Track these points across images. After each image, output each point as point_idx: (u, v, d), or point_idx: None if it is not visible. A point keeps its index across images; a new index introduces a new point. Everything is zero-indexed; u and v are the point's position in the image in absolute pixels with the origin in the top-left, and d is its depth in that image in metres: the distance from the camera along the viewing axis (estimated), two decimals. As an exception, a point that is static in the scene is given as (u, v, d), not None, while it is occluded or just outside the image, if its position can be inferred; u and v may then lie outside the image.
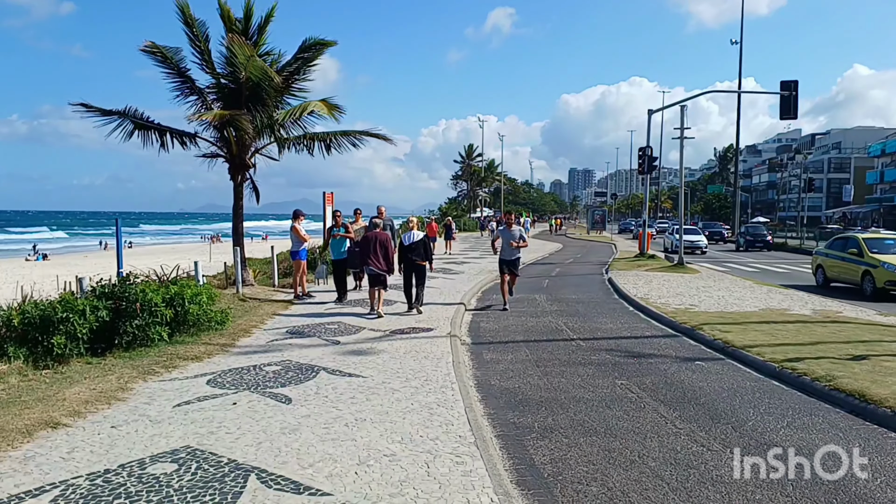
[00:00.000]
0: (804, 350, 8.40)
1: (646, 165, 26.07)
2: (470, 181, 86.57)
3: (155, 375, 6.95)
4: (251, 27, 14.24)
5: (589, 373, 7.77)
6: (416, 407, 5.95)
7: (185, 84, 14.29)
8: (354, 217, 14.65)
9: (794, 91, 20.27)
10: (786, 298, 14.09)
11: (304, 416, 5.63)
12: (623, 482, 4.54)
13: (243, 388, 6.51)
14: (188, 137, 14.44)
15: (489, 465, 4.62)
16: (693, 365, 8.21)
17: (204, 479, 4.27)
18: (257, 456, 4.69)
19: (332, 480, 4.28)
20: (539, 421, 5.93)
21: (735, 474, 4.67)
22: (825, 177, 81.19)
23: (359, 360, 7.87)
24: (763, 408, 6.33)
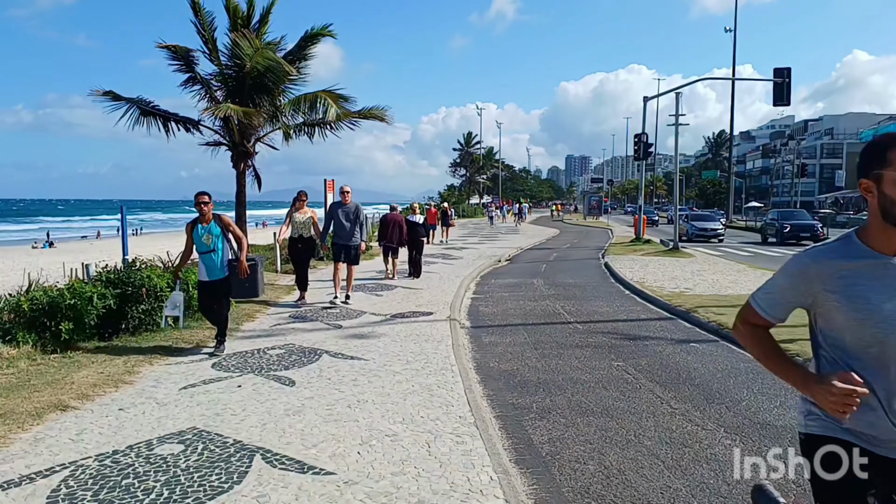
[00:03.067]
0: (797, 331, 8.47)
1: (641, 152, 26.16)
2: (469, 168, 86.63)
3: (161, 359, 7.05)
4: (254, 17, 14.34)
5: (586, 355, 7.89)
6: (416, 388, 6.06)
7: (191, 74, 14.39)
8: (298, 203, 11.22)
9: (787, 78, 20.34)
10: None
11: (307, 397, 5.74)
12: (619, 461, 4.66)
13: (248, 370, 6.61)
14: (192, 124, 14.55)
15: (488, 444, 4.73)
16: (688, 347, 8.34)
17: (210, 459, 4.37)
18: (262, 437, 4.80)
19: (335, 460, 4.39)
20: (537, 402, 6.05)
21: (729, 453, 4.79)
22: (818, 162, 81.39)
23: (360, 343, 7.98)
24: (757, 388, 6.46)
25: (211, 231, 7.33)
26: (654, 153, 49.12)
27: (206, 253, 7.33)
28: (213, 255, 7.32)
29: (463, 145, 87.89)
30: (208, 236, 7.29)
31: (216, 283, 7.38)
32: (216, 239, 7.33)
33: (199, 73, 14.47)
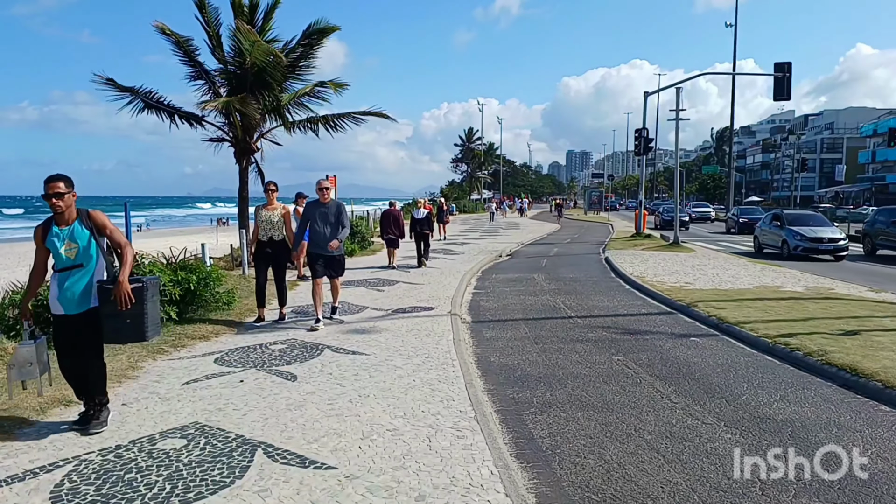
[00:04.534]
0: (797, 326, 8.55)
1: (642, 147, 26.16)
2: (470, 164, 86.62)
3: (164, 354, 7.07)
4: (257, 14, 14.36)
5: (586, 349, 7.91)
6: (417, 383, 6.08)
7: (194, 68, 14.43)
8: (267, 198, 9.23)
9: (788, 72, 20.34)
10: (779, 276, 14.25)
11: (309, 392, 5.76)
12: (619, 455, 4.68)
13: (250, 366, 6.63)
14: (195, 119, 14.58)
15: (489, 438, 4.75)
16: (688, 341, 8.36)
17: (212, 453, 4.40)
18: (264, 431, 4.82)
19: (336, 454, 4.41)
20: (538, 396, 6.07)
21: (729, 447, 4.81)
22: (818, 157, 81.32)
23: (362, 338, 8.00)
24: (756, 382, 6.48)
25: (74, 236, 4.77)
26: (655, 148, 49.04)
27: (67, 270, 4.77)
28: (77, 274, 4.76)
29: (464, 141, 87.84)
30: (70, 245, 4.76)
31: (78, 318, 4.79)
32: (84, 249, 4.78)
33: (202, 66, 14.49)
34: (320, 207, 8.61)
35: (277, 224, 8.86)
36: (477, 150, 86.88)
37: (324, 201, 8.62)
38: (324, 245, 8.43)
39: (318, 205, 8.67)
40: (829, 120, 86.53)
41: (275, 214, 8.88)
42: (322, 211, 8.57)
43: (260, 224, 8.86)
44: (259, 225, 8.88)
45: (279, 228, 8.87)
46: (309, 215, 8.67)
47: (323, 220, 8.55)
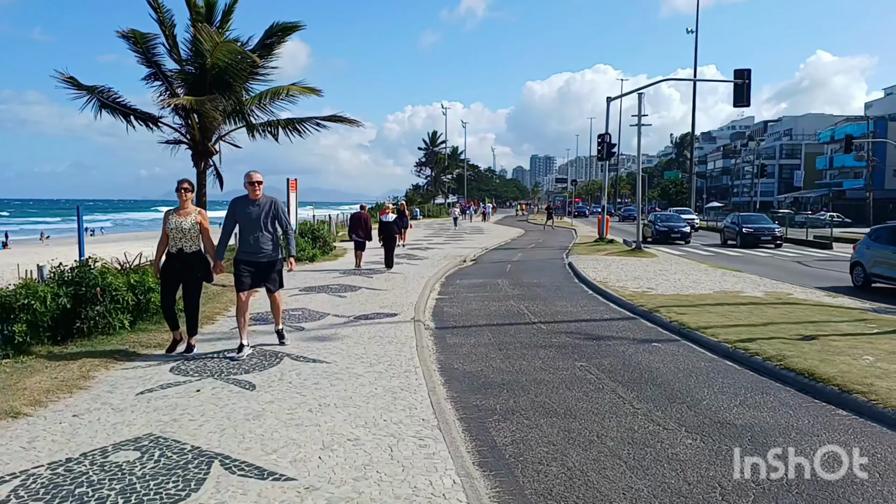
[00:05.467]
0: (756, 331, 8.70)
1: (605, 152, 26.48)
2: (434, 168, 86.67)
3: (117, 363, 6.86)
4: (215, 13, 14.09)
5: (550, 355, 7.92)
6: (379, 391, 6.00)
7: (153, 69, 14.11)
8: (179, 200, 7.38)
9: (748, 79, 20.78)
10: (739, 281, 14.51)
11: (268, 402, 5.64)
12: (582, 462, 4.68)
13: (207, 375, 6.47)
14: (152, 121, 14.26)
15: (452, 447, 4.70)
16: (650, 346, 8.43)
17: (167, 466, 4.26)
18: (221, 442, 4.70)
19: (295, 465, 4.32)
20: (501, 403, 6.05)
21: (689, 452, 4.85)
22: (777, 163, 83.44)
23: (323, 345, 7.88)
24: (717, 387, 6.56)
25: None
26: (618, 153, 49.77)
27: None
28: None
29: (428, 144, 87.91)
30: None
31: None
32: None
33: (160, 67, 14.19)
34: (249, 205, 7.28)
35: (190, 233, 7.17)
36: (441, 154, 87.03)
37: (254, 198, 7.28)
38: (254, 250, 7.21)
39: (246, 202, 7.32)
40: (788, 126, 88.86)
41: (187, 221, 7.18)
42: (252, 209, 7.26)
43: (169, 232, 7.19)
44: (168, 233, 7.20)
45: (193, 238, 7.20)
46: (236, 214, 7.34)
47: (253, 220, 7.21)
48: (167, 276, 7.28)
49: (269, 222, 7.27)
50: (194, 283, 7.34)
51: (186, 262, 7.20)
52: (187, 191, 7.38)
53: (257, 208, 7.26)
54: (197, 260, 7.26)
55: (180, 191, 7.33)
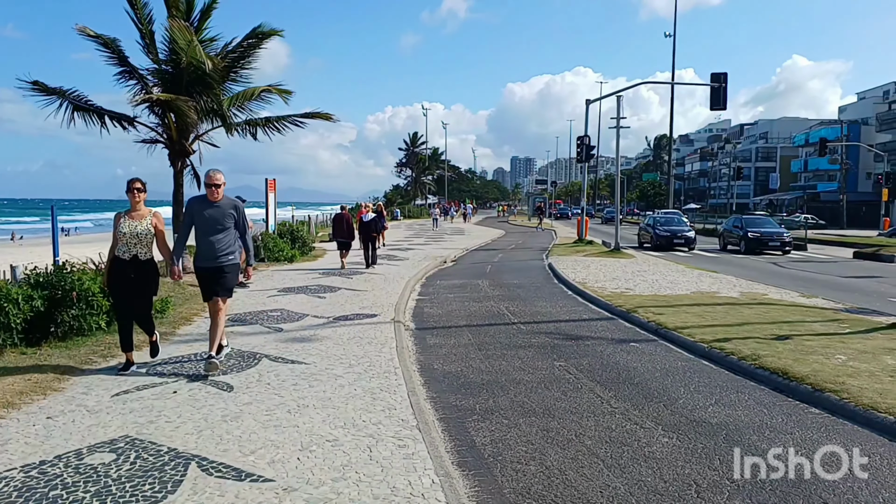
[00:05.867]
0: (732, 330, 8.82)
1: (584, 154, 26.64)
2: (414, 169, 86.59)
3: (93, 365, 6.77)
4: (194, 12, 13.97)
5: (529, 355, 7.96)
6: (359, 392, 5.99)
7: (125, 67, 13.93)
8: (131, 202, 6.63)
9: (724, 83, 21.06)
10: (715, 282, 14.69)
11: (245, 403, 5.60)
12: (560, 461, 4.71)
13: (183, 376, 6.42)
14: (127, 121, 14.08)
15: (431, 447, 4.71)
16: (628, 346, 8.51)
17: (143, 468, 4.22)
18: (198, 444, 4.66)
19: (274, 466, 4.30)
20: (480, 403, 6.07)
21: (666, 451, 4.90)
22: (753, 165, 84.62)
23: (302, 346, 7.85)
24: (693, 386, 6.63)
25: None
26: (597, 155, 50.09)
27: None
28: None
29: (409, 145, 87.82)
30: None
31: None
32: None
33: (134, 66, 14.01)
34: (208, 207, 6.63)
35: (145, 238, 6.50)
36: (422, 155, 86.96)
37: (214, 200, 6.62)
38: (212, 255, 6.60)
39: (204, 203, 6.67)
40: (764, 129, 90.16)
41: (142, 224, 6.48)
42: (211, 211, 6.61)
43: (120, 237, 6.45)
44: (119, 238, 6.47)
45: (148, 244, 6.55)
46: (193, 216, 6.71)
47: (211, 223, 6.61)
48: (121, 287, 6.52)
49: (229, 226, 6.69)
50: (148, 294, 6.70)
51: (142, 270, 6.51)
52: (140, 191, 6.61)
53: (217, 210, 6.63)
54: (151, 268, 6.61)
55: (132, 191, 6.57)
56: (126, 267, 6.48)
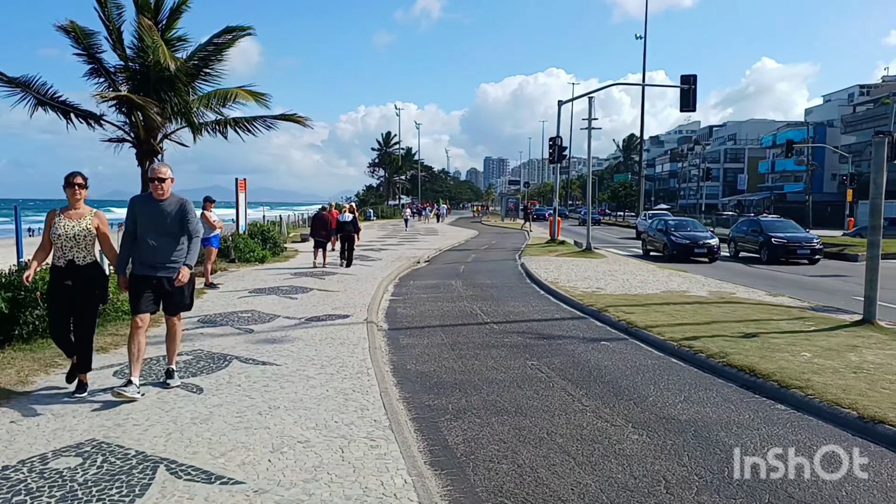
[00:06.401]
0: (700, 329, 8.95)
1: (556, 155, 26.83)
2: (387, 169, 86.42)
3: (58, 368, 6.62)
4: (163, 11, 13.77)
5: (501, 355, 7.99)
6: (331, 393, 5.96)
7: (94, 65, 13.69)
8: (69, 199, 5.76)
9: (693, 85, 21.41)
10: (685, 281, 14.89)
11: (215, 405, 5.54)
12: (532, 459, 4.74)
13: (151, 378, 6.31)
14: (93, 119, 13.83)
15: (403, 447, 4.70)
16: (599, 345, 8.59)
17: (110, 472, 4.15)
18: (166, 447, 4.59)
19: (244, 469, 4.26)
20: (453, 402, 6.08)
21: (636, 447, 4.96)
22: (721, 166, 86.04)
23: (273, 347, 7.78)
24: (662, 384, 6.72)
25: None
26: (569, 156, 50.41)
27: None
28: None
29: (382, 145, 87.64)
30: None
31: None
32: None
33: (103, 64, 13.78)
34: (152, 205, 5.81)
35: (84, 240, 5.65)
36: (395, 155, 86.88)
37: (159, 197, 5.79)
38: (155, 262, 5.74)
39: (149, 201, 5.86)
40: (732, 131, 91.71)
41: (80, 225, 5.64)
42: (155, 211, 5.79)
43: (55, 240, 5.61)
44: (53, 241, 5.62)
45: (87, 247, 5.69)
46: (136, 216, 5.84)
47: (154, 225, 5.77)
48: (56, 297, 5.67)
49: (175, 228, 5.84)
50: (90, 305, 5.74)
51: (80, 277, 5.61)
52: (81, 187, 5.70)
53: (161, 210, 5.79)
54: (92, 275, 5.70)
55: (72, 186, 5.65)
56: (62, 274, 5.61)
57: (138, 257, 5.83)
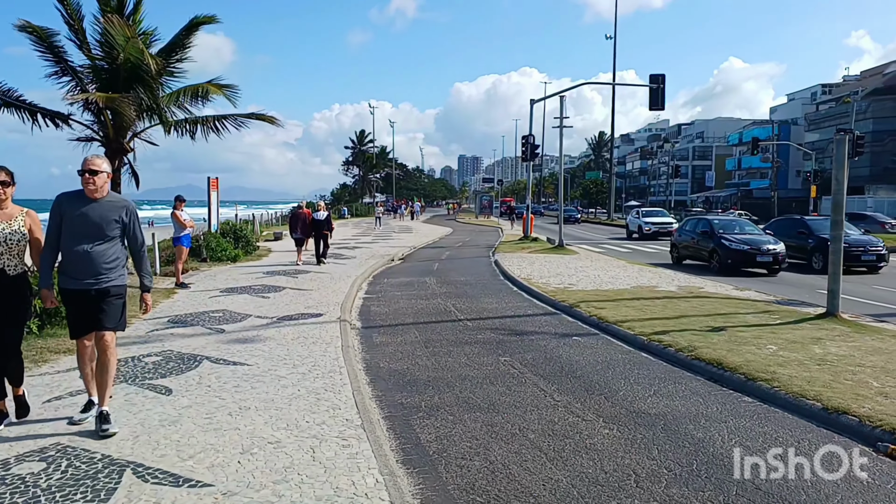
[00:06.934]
0: (670, 323, 9.06)
1: (528, 153, 26.95)
2: (362, 167, 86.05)
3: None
4: (126, 5, 13.53)
5: (475, 351, 8.01)
6: (302, 393, 5.92)
7: (60, 64, 13.43)
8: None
9: (662, 84, 21.66)
10: (655, 276, 15.08)
11: (185, 406, 5.47)
12: (504, 455, 4.75)
13: (120, 380, 6.20)
14: (61, 118, 13.57)
15: (375, 446, 4.69)
16: (571, 340, 8.65)
17: (75, 476, 4.07)
18: (134, 450, 4.52)
19: (213, 471, 4.20)
20: (426, 400, 6.07)
21: (607, 442, 5.01)
22: (690, 164, 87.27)
23: (244, 347, 7.70)
24: (633, 378, 6.79)
25: None
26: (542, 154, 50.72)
27: None
28: None
29: (356, 143, 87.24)
30: None
31: None
32: None
33: (68, 62, 13.54)
34: (83, 206, 4.83)
35: (17, 245, 4.88)
36: (369, 153, 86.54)
37: (91, 194, 4.84)
38: (84, 274, 4.80)
39: (79, 200, 4.86)
40: (700, 129, 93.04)
41: (10, 227, 4.85)
42: (86, 212, 4.82)
43: None
44: None
45: (18, 253, 4.91)
46: (63, 217, 4.84)
47: (84, 228, 4.81)
48: None
49: (113, 233, 4.89)
50: (21, 317, 4.99)
51: (12, 287, 4.84)
52: (5, 184, 4.83)
53: (94, 210, 4.82)
54: (23, 285, 4.97)
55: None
56: None
57: (67, 268, 4.87)
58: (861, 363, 6.77)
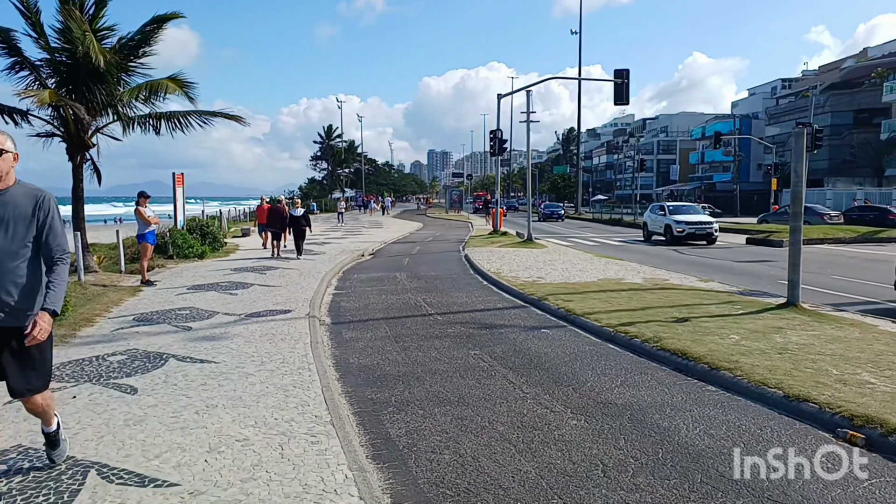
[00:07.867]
0: (636, 315, 9.19)
1: (497, 148, 27.05)
2: (331, 162, 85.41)
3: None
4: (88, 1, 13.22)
5: (445, 345, 8.03)
6: (271, 390, 5.88)
7: (16, 59, 13.04)
8: None
9: (626, 79, 21.88)
10: (621, 269, 15.27)
11: (150, 405, 5.39)
12: (474, 448, 4.78)
13: (84, 380, 6.10)
14: (19, 114, 13.21)
15: (345, 442, 4.68)
16: (539, 333, 8.73)
17: (37, 479, 3.99)
18: (98, 451, 4.45)
19: (179, 470, 4.16)
20: (396, 395, 6.08)
21: (574, 433, 5.07)
22: (655, 158, 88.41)
23: (211, 345, 7.61)
24: (600, 369, 6.88)
25: None
26: (510, 149, 50.86)
27: None
28: None
29: (324, 138, 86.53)
30: None
31: None
32: None
33: (26, 57, 13.18)
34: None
35: None
36: (337, 148, 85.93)
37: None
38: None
39: None
40: (664, 124, 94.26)
41: None
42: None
43: None
44: None
45: None
46: None
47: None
48: None
49: (22, 237, 3.60)
50: None
51: None
52: None
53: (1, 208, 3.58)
54: None
55: None
56: None
57: None
58: (821, 351, 6.95)
